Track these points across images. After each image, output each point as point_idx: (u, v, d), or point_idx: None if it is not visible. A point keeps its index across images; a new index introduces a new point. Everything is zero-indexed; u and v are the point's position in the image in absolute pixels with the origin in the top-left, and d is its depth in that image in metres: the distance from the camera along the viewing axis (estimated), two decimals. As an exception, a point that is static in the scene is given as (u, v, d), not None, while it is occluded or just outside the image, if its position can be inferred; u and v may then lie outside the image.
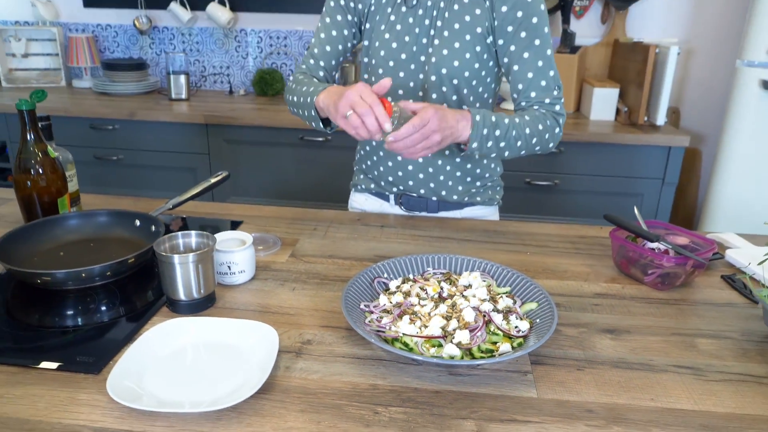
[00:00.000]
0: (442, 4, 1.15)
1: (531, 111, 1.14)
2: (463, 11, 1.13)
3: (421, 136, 0.97)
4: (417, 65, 1.19)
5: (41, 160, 1.10)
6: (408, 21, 1.17)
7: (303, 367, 0.76)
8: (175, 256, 0.84)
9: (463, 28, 1.13)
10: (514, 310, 0.84)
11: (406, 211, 1.35)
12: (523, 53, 1.12)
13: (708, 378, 0.76)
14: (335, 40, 1.24)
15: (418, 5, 1.16)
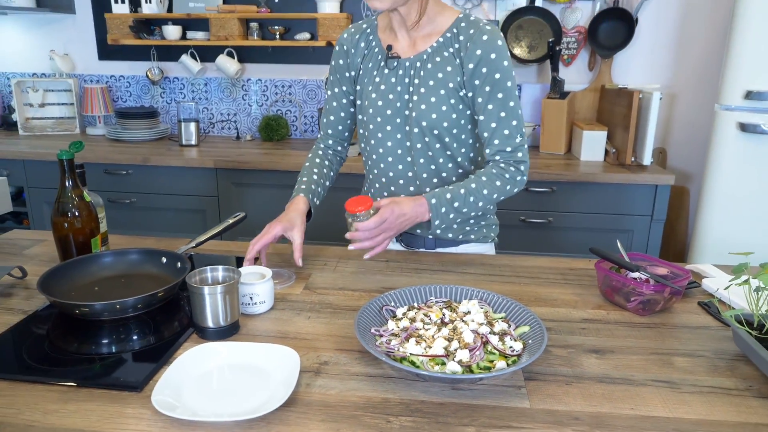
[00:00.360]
0: (419, 64, 1.28)
1: (489, 169, 1.28)
2: (437, 69, 1.27)
3: (380, 230, 1.17)
4: (402, 119, 1.32)
5: (78, 204, 1.21)
6: (390, 81, 1.31)
7: (322, 384, 0.85)
8: (205, 288, 0.94)
9: (437, 84, 1.27)
10: (508, 333, 0.94)
11: (406, 247, 1.45)
12: (488, 105, 1.25)
13: (682, 390, 0.86)
14: (336, 111, 1.44)
15: (398, 66, 1.30)
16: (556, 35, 2.72)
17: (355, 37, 1.37)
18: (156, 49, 3.03)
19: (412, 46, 1.30)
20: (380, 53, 1.33)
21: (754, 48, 2.10)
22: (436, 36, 1.27)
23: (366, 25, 1.37)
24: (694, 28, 2.74)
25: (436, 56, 1.27)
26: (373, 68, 1.34)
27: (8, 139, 2.91)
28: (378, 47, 1.33)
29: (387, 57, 1.31)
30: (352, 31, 1.38)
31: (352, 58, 1.37)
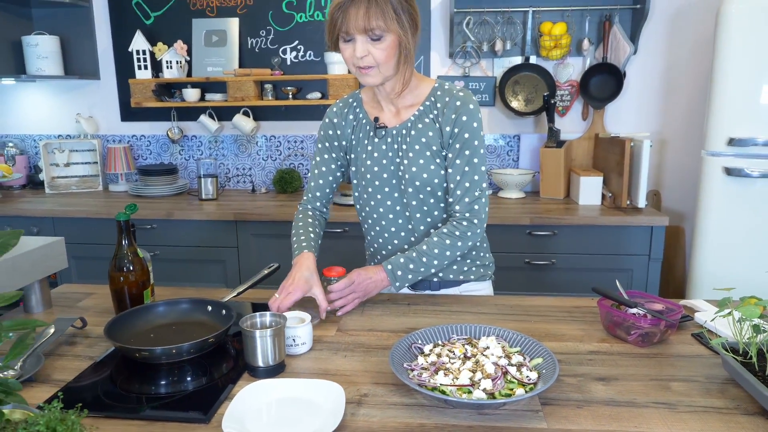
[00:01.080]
0: (404, 131, 1.44)
1: (441, 229, 1.43)
2: (420, 135, 1.43)
3: (350, 291, 1.36)
4: (396, 180, 1.48)
5: (132, 260, 1.35)
6: (381, 148, 1.47)
7: (365, 413, 0.97)
8: (257, 331, 1.08)
9: (422, 147, 1.42)
10: (524, 364, 1.07)
11: (413, 290, 1.59)
12: (456, 160, 1.41)
13: (679, 410, 0.98)
14: (325, 175, 1.58)
15: (386, 135, 1.46)
16: (551, 89, 2.93)
17: (343, 111, 1.53)
18: (176, 110, 3.24)
19: (396, 116, 1.46)
20: (368, 124, 1.49)
21: (733, 98, 2.29)
22: (417, 105, 1.44)
23: (352, 99, 1.53)
24: (679, 80, 2.95)
25: (419, 123, 1.43)
26: (363, 138, 1.49)
27: (36, 197, 3.08)
28: (365, 119, 1.49)
29: (375, 127, 1.47)
30: (341, 105, 1.54)
31: (342, 129, 1.52)
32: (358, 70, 1.35)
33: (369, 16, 1.26)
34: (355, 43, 1.30)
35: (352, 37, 1.30)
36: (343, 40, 1.32)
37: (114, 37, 3.23)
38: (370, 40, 1.29)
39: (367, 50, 1.30)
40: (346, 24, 1.28)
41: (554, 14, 2.89)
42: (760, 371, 1.02)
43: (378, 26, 1.27)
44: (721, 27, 2.28)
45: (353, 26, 1.27)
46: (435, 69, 3.05)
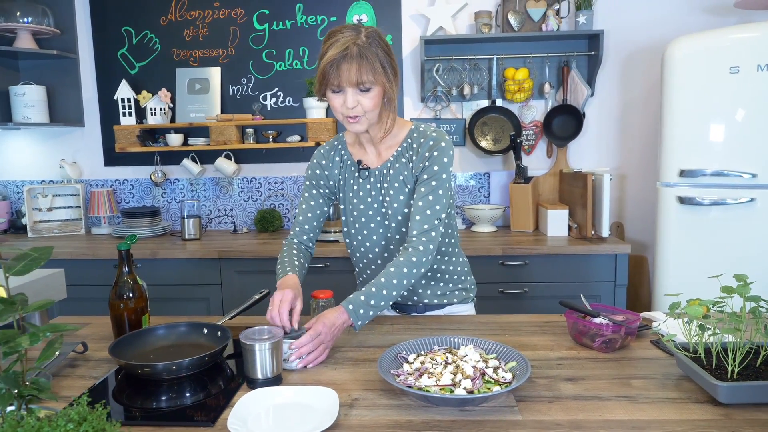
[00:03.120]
0: (385, 171, 1.57)
1: (398, 257, 1.46)
2: (398, 173, 1.55)
3: (318, 342, 1.30)
4: (380, 216, 1.60)
5: (132, 287, 1.44)
6: (366, 187, 1.60)
7: (357, 414, 1.07)
8: (256, 344, 1.17)
9: (401, 184, 1.55)
10: (501, 367, 1.18)
11: (400, 313, 1.71)
12: (421, 188, 1.50)
13: (638, 401, 1.10)
14: (313, 210, 1.67)
15: (369, 175, 1.59)
16: (516, 129, 3.12)
17: (330, 153, 1.65)
18: (159, 155, 3.34)
19: (378, 157, 1.59)
20: (352, 165, 1.61)
21: (682, 133, 2.50)
22: (396, 146, 1.56)
23: (336, 143, 1.65)
24: (633, 118, 3.18)
25: (397, 163, 1.55)
26: (349, 178, 1.62)
27: (18, 241, 3.12)
28: (350, 161, 1.62)
29: (359, 169, 1.59)
30: (327, 148, 1.66)
31: (329, 170, 1.64)
32: (346, 119, 1.45)
33: (360, 72, 1.36)
34: (345, 94, 1.40)
35: (343, 89, 1.40)
36: (332, 91, 1.41)
37: (99, 85, 3.35)
38: (359, 91, 1.40)
39: (356, 101, 1.40)
40: (339, 78, 1.37)
41: (517, 61, 3.12)
42: (708, 365, 1.15)
43: (368, 80, 1.37)
44: (667, 69, 2.51)
45: (345, 80, 1.37)
46: (408, 112, 3.23)
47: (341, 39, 1.37)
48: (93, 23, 3.31)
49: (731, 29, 2.43)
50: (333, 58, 1.35)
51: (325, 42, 1.41)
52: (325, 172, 1.65)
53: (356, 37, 1.37)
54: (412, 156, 1.53)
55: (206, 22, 3.25)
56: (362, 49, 1.36)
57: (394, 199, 1.56)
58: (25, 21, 3.11)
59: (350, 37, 1.37)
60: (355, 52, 1.35)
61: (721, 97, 2.42)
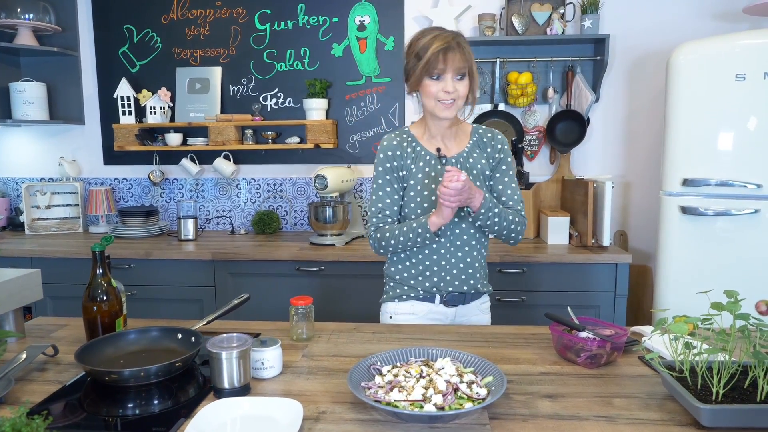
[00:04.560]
0: (462, 159, 1.69)
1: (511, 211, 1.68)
2: (476, 162, 1.70)
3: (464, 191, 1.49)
4: None
5: (106, 289, 1.41)
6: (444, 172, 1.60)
7: (321, 428, 1.03)
8: (223, 352, 1.13)
9: (479, 172, 1.70)
10: (476, 382, 1.13)
11: (451, 307, 1.73)
12: (505, 178, 1.72)
13: (617, 423, 1.05)
14: (392, 196, 1.71)
15: (447, 162, 1.65)
16: (519, 134, 3.07)
17: (402, 145, 1.71)
18: (158, 154, 3.33)
19: (450, 148, 1.71)
20: (427, 155, 1.69)
21: (686, 141, 2.43)
22: (466, 139, 1.72)
23: (405, 135, 1.73)
24: (638, 126, 3.11)
25: (474, 152, 1.70)
26: (424, 167, 1.68)
27: (15, 238, 3.11)
28: (424, 151, 1.70)
29: (438, 156, 1.65)
30: (398, 139, 1.72)
31: (402, 161, 1.69)
32: (439, 104, 1.59)
33: (463, 59, 1.56)
34: (444, 80, 1.56)
35: (442, 75, 1.56)
36: (431, 77, 1.57)
37: (100, 84, 3.34)
38: (456, 79, 1.56)
39: (454, 87, 1.56)
40: (444, 64, 1.54)
41: (520, 65, 3.06)
42: (693, 385, 1.09)
43: (466, 66, 1.57)
44: (671, 76, 2.44)
45: (450, 66, 1.55)
46: (409, 115, 3.19)
47: (441, 34, 1.57)
48: (94, 21, 3.30)
49: (738, 35, 2.36)
50: (441, 47, 1.54)
51: (418, 40, 1.59)
52: (400, 162, 1.70)
53: (453, 34, 1.59)
54: (485, 148, 1.71)
55: (207, 21, 3.23)
56: (461, 42, 1.58)
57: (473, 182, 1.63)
58: (26, 18, 3.11)
59: (449, 33, 1.58)
60: (456, 44, 1.56)
61: (727, 105, 2.35)
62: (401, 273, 1.76)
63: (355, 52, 3.16)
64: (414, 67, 1.60)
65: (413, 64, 1.60)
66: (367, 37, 3.14)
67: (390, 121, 3.19)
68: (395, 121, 3.19)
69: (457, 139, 1.73)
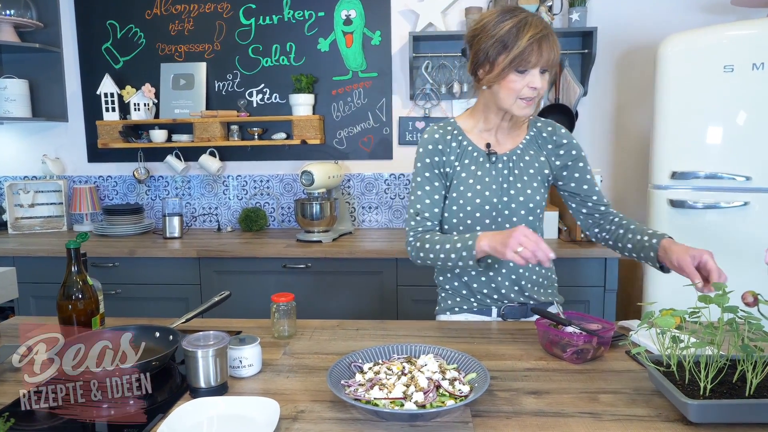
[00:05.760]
0: (514, 157, 1.53)
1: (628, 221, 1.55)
2: (532, 161, 1.53)
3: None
4: (502, 204, 1.52)
5: (81, 288, 1.37)
6: (492, 173, 1.52)
7: (298, 428, 1.00)
8: (199, 351, 1.10)
9: (535, 173, 1.53)
10: (459, 379, 1.10)
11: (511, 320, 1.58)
12: (585, 175, 1.57)
13: (603, 419, 1.02)
14: (438, 202, 1.54)
15: (497, 161, 1.52)
16: (507, 128, 3.04)
17: (446, 138, 1.53)
18: (143, 151, 3.28)
19: (503, 144, 1.54)
20: (475, 150, 1.52)
21: (673, 134, 2.41)
22: (522, 134, 1.55)
23: (450, 128, 1.55)
24: (627, 119, 3.10)
25: (531, 149, 1.54)
26: (470, 164, 1.52)
27: (-2, 238, 3.06)
28: (471, 146, 1.53)
29: (488, 153, 1.52)
30: (441, 132, 1.54)
31: (446, 156, 1.52)
32: (520, 101, 1.40)
33: (556, 50, 1.36)
34: (531, 75, 1.36)
35: (529, 70, 1.36)
36: (516, 71, 1.36)
37: (83, 80, 3.29)
38: (541, 72, 1.37)
39: (540, 83, 1.38)
40: (538, 57, 1.33)
41: (508, 58, 3.03)
42: (681, 380, 1.07)
43: (554, 61, 1.37)
44: (659, 68, 2.42)
45: (544, 59, 1.34)
46: (397, 110, 3.16)
47: (529, 19, 1.34)
48: (77, 16, 3.25)
49: (726, 26, 2.35)
50: (535, 36, 1.32)
51: (499, 25, 1.35)
52: (443, 158, 1.53)
53: (540, 19, 1.36)
54: (546, 144, 1.55)
55: (192, 17, 3.18)
56: (551, 30, 1.36)
57: (526, 185, 1.52)
58: (6, 13, 3.05)
59: (537, 19, 1.35)
60: (548, 33, 1.34)
61: (715, 97, 2.33)
62: (451, 282, 1.60)
63: (342, 47, 3.13)
64: (495, 56, 1.36)
65: (495, 53, 1.36)
66: (354, 32, 3.11)
67: (377, 116, 3.16)
68: (383, 117, 3.16)
69: (511, 133, 1.54)
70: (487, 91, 1.46)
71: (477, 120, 1.55)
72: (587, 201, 1.58)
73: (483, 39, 1.38)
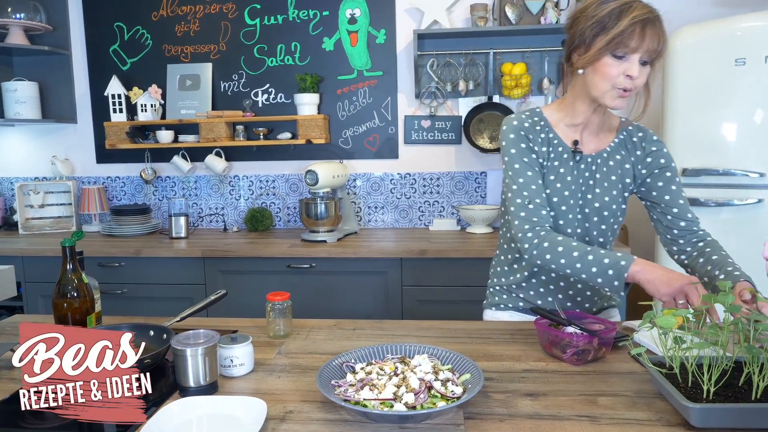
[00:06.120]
0: (599, 160, 1.44)
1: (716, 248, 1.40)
2: (618, 166, 1.44)
3: None
4: (580, 207, 1.45)
5: (76, 285, 1.36)
6: (574, 173, 1.43)
7: (286, 428, 0.97)
8: (188, 349, 1.08)
9: (618, 179, 1.44)
10: (452, 379, 1.07)
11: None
12: (670, 186, 1.44)
13: (601, 423, 0.99)
14: (543, 187, 1.41)
15: (581, 161, 1.43)
16: (515, 127, 3.00)
17: (535, 128, 1.43)
18: (150, 152, 3.29)
19: (590, 143, 1.45)
20: (560, 145, 1.43)
21: (684, 130, 2.36)
22: (612, 136, 1.45)
23: (537, 118, 1.44)
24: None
25: (617, 154, 1.44)
26: (554, 159, 1.42)
27: (9, 238, 3.08)
28: (557, 140, 1.43)
29: (573, 151, 1.43)
30: (530, 121, 1.43)
31: (537, 146, 1.42)
32: (614, 91, 1.29)
33: (661, 38, 1.24)
34: (629, 62, 1.25)
35: (630, 56, 1.25)
36: (614, 55, 1.25)
37: (92, 82, 3.31)
38: (641, 64, 1.26)
39: (639, 72, 1.26)
40: (641, 41, 1.22)
41: (515, 56, 3.00)
42: (683, 383, 1.03)
43: (659, 50, 1.25)
44: (669, 62, 2.37)
45: (647, 45, 1.23)
46: (402, 109, 3.13)
47: (637, 4, 1.23)
48: (85, 19, 3.27)
49: (737, 18, 2.29)
50: (640, 17, 1.21)
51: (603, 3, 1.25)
52: (531, 146, 1.42)
53: (648, 5, 1.25)
54: (634, 150, 1.44)
55: (197, 18, 3.18)
56: (660, 17, 1.24)
57: (605, 192, 1.43)
58: (16, 17, 3.07)
59: (646, 4, 1.25)
60: (655, 17, 1.24)
61: (727, 91, 2.28)
62: (507, 276, 1.56)
63: (347, 46, 3.11)
64: (592, 38, 1.25)
65: (591, 35, 1.25)
66: (358, 31, 3.09)
67: (383, 115, 3.14)
68: (388, 116, 3.13)
69: (600, 133, 1.45)
70: (579, 79, 1.35)
71: (565, 113, 1.44)
72: (667, 213, 1.45)
73: (581, 21, 1.28)
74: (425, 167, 3.17)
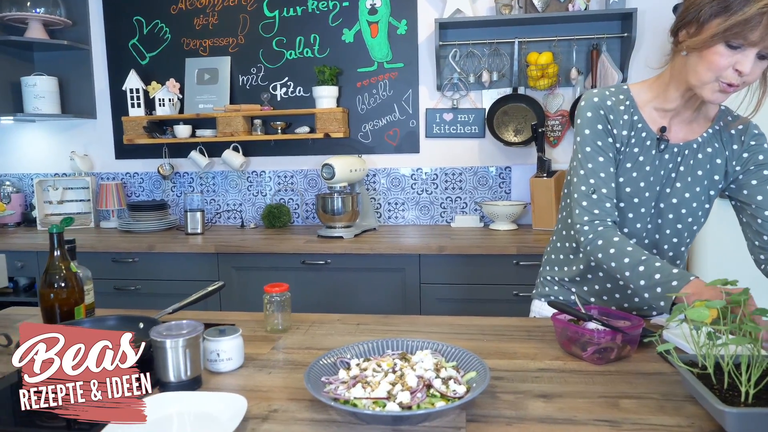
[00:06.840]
0: (687, 152, 1.27)
1: None
2: (707, 160, 1.27)
3: None
4: (656, 202, 1.30)
5: (64, 275, 1.30)
6: (655, 163, 1.28)
7: (266, 428, 0.88)
8: (167, 341, 1.00)
9: (704, 174, 1.28)
10: (455, 378, 0.96)
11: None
12: (766, 186, 1.24)
13: (622, 427, 0.87)
14: (613, 176, 1.28)
15: (666, 150, 1.28)
16: (540, 119, 2.86)
17: (618, 107, 1.28)
18: (167, 147, 3.25)
19: (679, 132, 1.29)
20: (644, 130, 1.28)
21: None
22: (706, 125, 1.29)
23: (623, 97, 1.29)
24: (673, 107, 2.87)
25: (708, 146, 1.28)
26: (635, 145, 1.28)
27: (27, 234, 3.08)
28: (642, 124, 1.28)
29: (658, 139, 1.28)
30: (613, 99, 1.29)
31: (618, 128, 1.28)
32: (717, 84, 1.13)
33: None
34: (744, 54, 1.09)
35: (746, 48, 1.09)
36: (727, 44, 1.09)
37: (111, 77, 3.29)
38: (758, 57, 1.10)
39: (752, 68, 1.11)
40: (759, 34, 1.06)
41: (541, 45, 2.86)
42: (719, 384, 0.90)
43: None
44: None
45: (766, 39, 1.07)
46: (424, 101, 3.03)
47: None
48: (105, 13, 3.26)
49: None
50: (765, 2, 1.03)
51: None
52: (610, 128, 1.28)
53: None
54: (731, 143, 1.28)
55: (216, 11, 3.14)
56: None
57: (687, 187, 1.28)
58: (36, 11, 3.08)
59: None
60: None
61: None
62: (561, 266, 1.44)
63: (367, 38, 3.02)
64: (709, 17, 1.08)
65: (710, 13, 1.08)
66: (379, 21, 2.99)
67: (403, 108, 3.04)
68: (409, 109, 3.03)
69: (694, 121, 1.29)
70: (680, 60, 1.20)
71: (656, 94, 1.28)
72: (758, 216, 1.26)
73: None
74: (447, 162, 3.05)
